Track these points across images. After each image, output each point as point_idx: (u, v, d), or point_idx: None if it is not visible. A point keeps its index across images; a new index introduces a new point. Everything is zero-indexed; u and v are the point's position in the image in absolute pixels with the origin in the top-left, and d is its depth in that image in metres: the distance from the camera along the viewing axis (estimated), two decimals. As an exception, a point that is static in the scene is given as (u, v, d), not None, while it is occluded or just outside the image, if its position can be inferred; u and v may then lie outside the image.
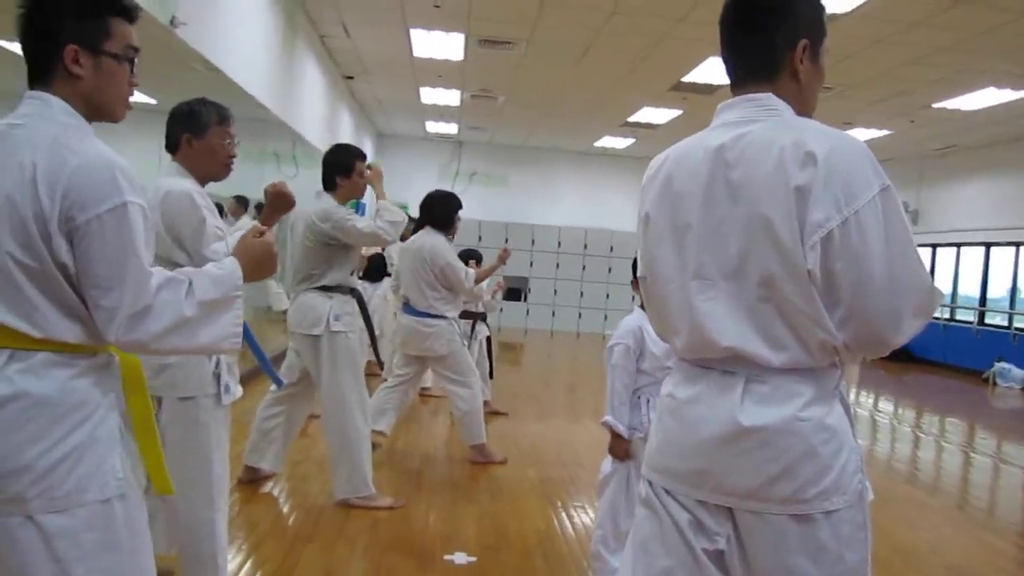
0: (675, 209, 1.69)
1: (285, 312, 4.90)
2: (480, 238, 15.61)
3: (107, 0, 1.70)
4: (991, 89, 9.45)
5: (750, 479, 1.57)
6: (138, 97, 1.86)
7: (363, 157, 4.36)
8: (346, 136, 12.18)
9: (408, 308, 5.42)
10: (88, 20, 1.66)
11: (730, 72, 1.74)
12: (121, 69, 1.72)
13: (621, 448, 3.11)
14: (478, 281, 5.63)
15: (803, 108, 1.69)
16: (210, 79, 5.98)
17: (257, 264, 1.86)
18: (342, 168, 4.27)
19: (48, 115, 1.64)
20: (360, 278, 6.92)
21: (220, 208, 3.20)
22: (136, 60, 1.74)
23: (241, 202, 7.45)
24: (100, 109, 1.72)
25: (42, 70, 1.67)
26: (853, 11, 7.04)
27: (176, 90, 4.03)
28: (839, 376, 1.65)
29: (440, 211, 5.47)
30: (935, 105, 10.37)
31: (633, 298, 3.18)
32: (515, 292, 16.12)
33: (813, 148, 1.52)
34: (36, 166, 1.56)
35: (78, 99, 1.68)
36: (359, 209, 4.36)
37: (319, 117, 10.24)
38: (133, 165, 1.65)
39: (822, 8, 1.72)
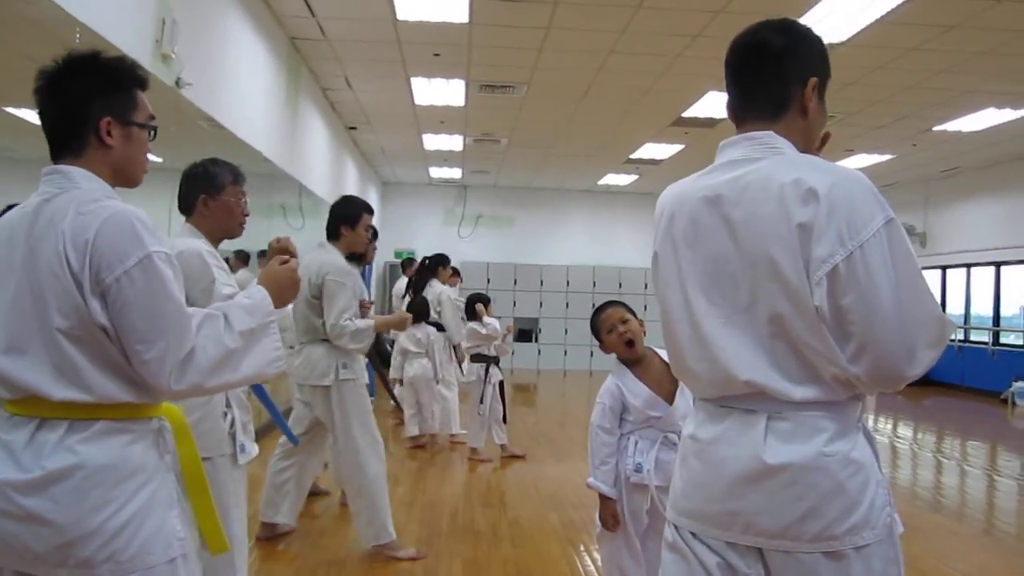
0: (679, 250, 1.70)
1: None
2: (489, 280, 15.64)
3: (130, 74, 1.76)
4: (991, 110, 9.49)
5: (779, 518, 1.55)
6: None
7: (370, 211, 4.43)
8: (351, 186, 12.25)
9: None
10: (117, 94, 1.73)
11: (734, 110, 1.75)
12: (145, 137, 1.79)
13: (608, 511, 3.06)
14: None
15: (808, 145, 1.70)
16: (216, 136, 6.04)
17: (281, 289, 1.91)
18: (348, 219, 4.32)
19: (70, 186, 1.68)
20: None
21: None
22: (156, 127, 1.81)
23: (241, 256, 7.47)
24: (125, 176, 1.78)
25: (72, 142, 1.72)
26: (849, 40, 7.10)
27: (182, 148, 4.07)
28: (860, 409, 1.63)
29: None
30: (936, 128, 10.39)
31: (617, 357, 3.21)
32: (526, 333, 16.09)
33: (814, 184, 1.53)
34: (64, 235, 1.60)
35: (106, 168, 1.73)
36: (366, 272, 4.34)
37: (324, 169, 10.32)
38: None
39: (825, 48, 1.73)
